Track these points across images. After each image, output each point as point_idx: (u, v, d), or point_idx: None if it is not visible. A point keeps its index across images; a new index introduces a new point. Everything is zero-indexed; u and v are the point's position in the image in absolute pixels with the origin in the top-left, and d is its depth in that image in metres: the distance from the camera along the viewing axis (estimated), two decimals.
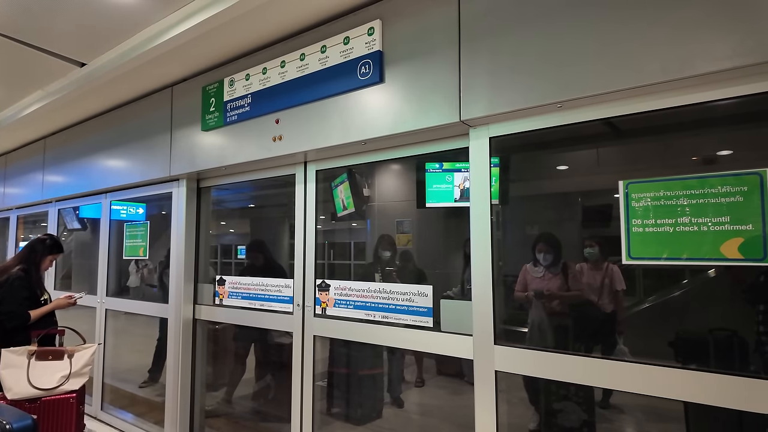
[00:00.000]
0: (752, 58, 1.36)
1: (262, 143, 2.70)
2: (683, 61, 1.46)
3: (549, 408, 2.39)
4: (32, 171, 4.96)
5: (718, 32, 1.41)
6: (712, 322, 1.94)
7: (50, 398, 2.60)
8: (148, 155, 3.47)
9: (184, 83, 3.25)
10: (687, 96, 1.55)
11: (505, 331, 2.01)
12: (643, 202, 1.61)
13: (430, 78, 2.03)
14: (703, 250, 1.50)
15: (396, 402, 3.26)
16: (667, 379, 1.53)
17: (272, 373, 3.58)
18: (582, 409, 2.30)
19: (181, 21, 2.50)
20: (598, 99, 1.67)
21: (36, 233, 5.79)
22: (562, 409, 2.33)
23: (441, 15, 2.01)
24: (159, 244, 3.79)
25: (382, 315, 2.34)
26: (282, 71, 2.59)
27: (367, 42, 2.22)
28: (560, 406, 2.34)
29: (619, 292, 2.29)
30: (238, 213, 4.58)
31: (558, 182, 2.72)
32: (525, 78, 1.77)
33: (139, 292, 4.30)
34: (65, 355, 2.73)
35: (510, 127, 1.92)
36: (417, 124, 2.06)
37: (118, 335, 4.16)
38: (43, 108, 3.73)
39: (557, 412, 2.34)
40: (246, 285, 3.01)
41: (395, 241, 3.13)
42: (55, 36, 2.80)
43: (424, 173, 2.55)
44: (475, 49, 1.90)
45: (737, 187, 1.46)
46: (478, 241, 1.97)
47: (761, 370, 1.76)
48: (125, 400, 3.95)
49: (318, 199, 2.74)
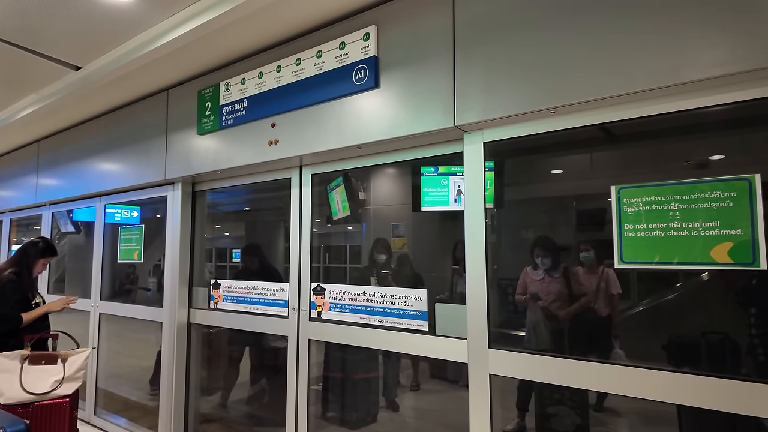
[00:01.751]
0: (741, 66, 1.39)
1: (257, 147, 2.71)
2: (673, 69, 1.48)
3: (542, 412, 2.39)
4: (26, 174, 4.93)
5: (708, 40, 1.44)
6: (706, 325, 1.96)
7: (43, 403, 2.58)
8: (144, 158, 3.46)
9: (180, 87, 3.26)
10: (678, 103, 1.57)
11: (500, 335, 2.02)
12: (635, 207, 1.63)
13: (425, 83, 2.04)
14: (693, 254, 1.52)
15: (391, 406, 3.26)
16: (662, 383, 1.54)
17: (267, 377, 3.56)
18: (576, 413, 2.31)
19: (177, 25, 2.50)
20: (590, 105, 1.69)
21: (29, 237, 5.75)
22: (556, 413, 2.34)
23: (436, 21, 2.03)
24: (153, 248, 3.78)
25: (377, 319, 2.34)
26: (278, 76, 2.60)
27: (363, 47, 2.23)
28: (554, 410, 2.35)
29: (614, 295, 2.31)
30: (234, 216, 4.57)
31: (553, 186, 2.73)
32: (518, 84, 1.79)
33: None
34: (59, 359, 2.71)
35: (504, 132, 1.94)
36: (412, 129, 2.07)
37: (112, 339, 4.13)
38: (37, 111, 3.72)
39: (551, 416, 2.35)
40: (241, 289, 3.01)
41: (390, 245, 3.14)
42: (50, 40, 2.79)
43: (419, 177, 2.57)
44: (469, 55, 1.92)
45: (726, 192, 1.48)
46: (472, 245, 1.98)
47: (753, 373, 1.78)
48: (119, 405, 3.92)
49: (314, 202, 2.75)
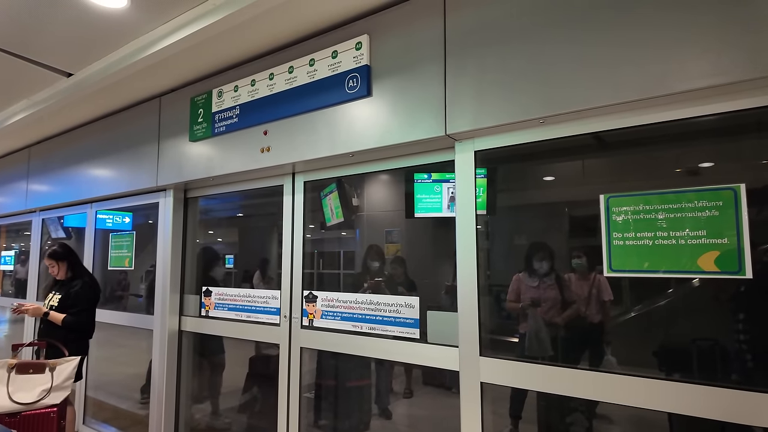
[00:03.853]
0: (725, 78, 1.41)
1: (250, 154, 2.71)
2: (660, 80, 1.51)
3: (538, 419, 2.39)
4: (16, 180, 4.89)
5: (694, 53, 1.46)
6: (696, 331, 1.97)
7: (30, 413, 2.54)
8: (135, 165, 3.45)
9: (172, 94, 3.25)
10: (665, 113, 1.60)
11: (491, 342, 2.02)
12: (624, 215, 1.65)
13: (416, 92, 2.06)
14: (681, 262, 1.53)
15: (384, 413, 3.25)
16: (653, 391, 1.55)
17: (259, 385, 3.54)
18: (567, 421, 2.31)
19: (169, 33, 2.51)
20: (579, 115, 1.71)
21: (19, 243, 5.69)
22: (549, 420, 2.34)
23: (427, 31, 2.05)
24: (145, 254, 3.75)
25: (369, 326, 2.34)
26: (270, 83, 2.61)
27: (355, 56, 2.25)
28: (546, 416, 2.35)
29: (606, 302, 2.32)
30: (226, 222, 4.55)
31: (544, 193, 2.75)
32: (508, 94, 1.81)
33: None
34: (47, 368, 2.68)
35: (494, 141, 1.95)
36: (404, 137, 2.08)
37: (102, 347, 4.09)
38: (28, 117, 3.70)
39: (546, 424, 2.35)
40: (232, 296, 2.99)
41: (384, 251, 3.14)
42: (42, 46, 2.78)
43: (412, 184, 2.58)
44: (460, 64, 1.94)
45: (713, 201, 1.50)
46: (463, 252, 1.99)
47: (743, 381, 1.79)
48: (108, 413, 3.87)
49: (306, 209, 2.75)
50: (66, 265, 3.20)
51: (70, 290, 3.11)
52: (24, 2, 2.33)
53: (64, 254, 3.20)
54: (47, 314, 3.04)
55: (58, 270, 3.19)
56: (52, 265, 3.18)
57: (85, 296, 3.10)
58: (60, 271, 3.19)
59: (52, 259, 3.17)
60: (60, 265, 3.18)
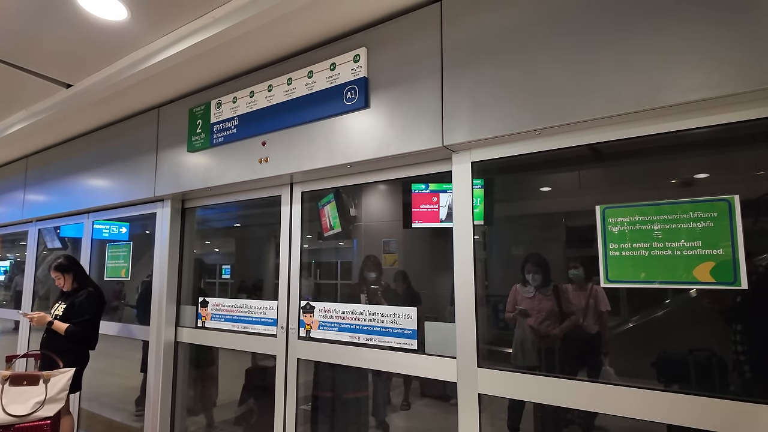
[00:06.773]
0: (718, 91, 1.43)
1: (248, 165, 2.71)
2: (654, 93, 1.53)
3: None
4: (13, 190, 4.88)
5: (686, 66, 1.49)
6: (694, 342, 1.97)
7: (23, 425, 2.51)
8: (133, 175, 3.45)
9: (171, 105, 3.27)
10: (659, 125, 1.62)
11: (489, 353, 2.02)
12: (620, 226, 1.66)
13: (413, 104, 2.08)
14: (677, 273, 1.54)
15: (381, 426, 3.21)
16: (652, 402, 1.55)
17: (255, 397, 3.50)
18: None
19: (169, 45, 2.53)
20: (574, 126, 1.73)
21: (14, 252, 5.66)
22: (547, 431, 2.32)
23: (424, 44, 2.07)
24: (141, 264, 3.73)
25: (366, 337, 2.33)
26: (269, 95, 2.63)
27: (353, 68, 2.27)
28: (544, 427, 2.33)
29: (603, 313, 2.32)
30: (223, 232, 4.55)
31: (541, 203, 2.77)
32: (505, 106, 1.83)
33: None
34: (41, 380, 2.65)
35: (491, 152, 1.97)
36: (401, 149, 2.10)
37: (96, 358, 4.04)
38: (26, 128, 3.71)
39: None
40: (229, 307, 2.98)
41: (381, 262, 3.14)
42: (41, 57, 2.80)
43: (410, 194, 2.59)
44: (456, 77, 1.96)
45: (708, 212, 1.51)
46: (461, 263, 1.99)
47: (740, 391, 1.79)
48: (102, 426, 3.82)
49: (304, 219, 2.75)
50: (72, 277, 3.26)
51: (75, 300, 3.16)
52: (26, 15, 2.35)
53: (69, 266, 3.27)
54: (51, 323, 3.07)
55: (64, 282, 3.25)
56: (58, 277, 3.25)
57: (89, 306, 3.13)
58: (66, 283, 3.25)
59: (57, 271, 3.24)
60: (66, 277, 3.24)
